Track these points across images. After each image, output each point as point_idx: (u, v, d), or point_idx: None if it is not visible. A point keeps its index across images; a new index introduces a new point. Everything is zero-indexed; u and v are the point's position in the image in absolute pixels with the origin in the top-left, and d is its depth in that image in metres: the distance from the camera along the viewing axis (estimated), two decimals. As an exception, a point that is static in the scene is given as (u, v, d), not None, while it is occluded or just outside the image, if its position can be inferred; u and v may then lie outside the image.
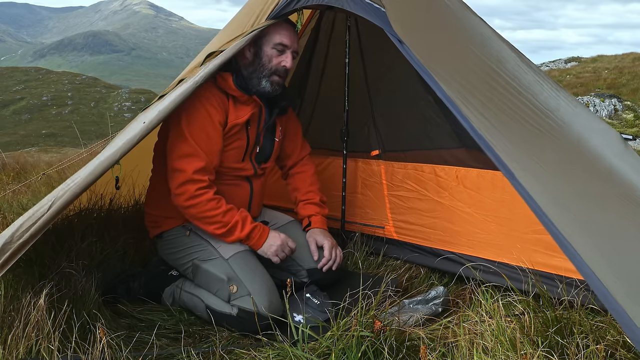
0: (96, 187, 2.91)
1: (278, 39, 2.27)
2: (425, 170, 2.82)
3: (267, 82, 2.31)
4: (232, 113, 2.29)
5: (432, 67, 1.81)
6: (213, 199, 2.19)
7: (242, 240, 2.24)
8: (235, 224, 2.22)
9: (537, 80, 2.40)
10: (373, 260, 2.86)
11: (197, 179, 2.17)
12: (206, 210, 2.18)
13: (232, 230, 2.22)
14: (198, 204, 2.17)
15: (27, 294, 1.83)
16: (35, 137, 37.17)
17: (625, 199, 1.98)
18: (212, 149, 2.23)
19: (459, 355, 1.76)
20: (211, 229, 2.21)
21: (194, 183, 2.17)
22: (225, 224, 2.20)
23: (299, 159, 2.69)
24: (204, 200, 2.17)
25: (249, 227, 2.25)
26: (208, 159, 2.20)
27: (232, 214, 2.22)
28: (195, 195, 2.17)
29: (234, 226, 2.21)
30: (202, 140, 2.19)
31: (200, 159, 2.18)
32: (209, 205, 2.18)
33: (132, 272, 2.51)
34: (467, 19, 2.50)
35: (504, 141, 1.71)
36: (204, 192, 2.18)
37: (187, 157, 2.17)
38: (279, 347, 1.85)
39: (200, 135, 2.19)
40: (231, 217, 2.21)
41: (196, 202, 2.17)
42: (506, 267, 2.39)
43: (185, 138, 2.18)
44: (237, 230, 2.22)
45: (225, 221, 2.20)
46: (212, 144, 2.22)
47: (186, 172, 2.16)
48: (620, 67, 21.43)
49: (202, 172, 2.18)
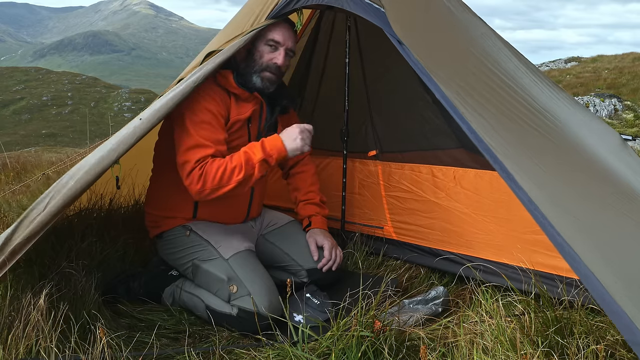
0: (96, 187, 2.91)
1: (270, 35, 2.27)
2: (422, 171, 2.82)
3: (257, 77, 2.30)
4: (234, 109, 2.28)
5: (431, 67, 1.81)
6: (214, 161, 2.13)
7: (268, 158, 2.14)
8: (248, 157, 2.13)
9: (535, 81, 2.41)
10: (373, 260, 2.86)
11: (199, 159, 2.13)
12: (217, 172, 2.11)
13: (249, 162, 2.13)
14: (206, 174, 2.11)
15: (27, 294, 1.83)
16: (35, 137, 37.15)
17: (624, 199, 1.98)
18: (219, 138, 2.20)
19: (459, 355, 1.76)
20: (235, 179, 2.11)
21: (198, 163, 2.12)
22: (239, 165, 2.12)
23: (300, 159, 2.69)
24: (208, 169, 2.11)
25: (259, 146, 2.16)
26: (216, 148, 2.17)
27: (238, 154, 2.15)
28: (201, 174, 2.11)
29: (247, 160, 2.13)
30: (207, 132, 2.17)
31: (208, 147, 2.15)
32: (213, 166, 2.11)
33: (132, 272, 2.51)
34: (466, 19, 2.50)
35: (502, 142, 1.71)
36: (205, 163, 2.13)
37: (192, 148, 2.15)
38: (279, 347, 1.86)
39: (205, 127, 2.17)
40: (239, 156, 2.14)
41: (203, 174, 2.11)
42: (506, 267, 2.39)
43: (189, 133, 2.17)
44: (254, 159, 2.13)
45: (238, 163, 2.12)
46: (217, 133, 2.20)
47: (191, 162, 2.14)
48: (620, 67, 21.44)
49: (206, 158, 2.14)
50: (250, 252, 2.27)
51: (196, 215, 2.37)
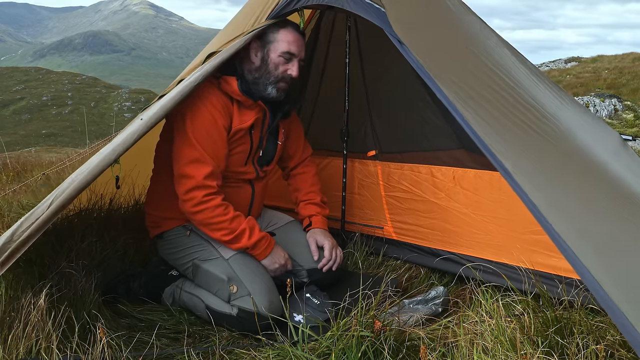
0: (96, 187, 2.91)
1: (286, 47, 2.26)
2: (422, 171, 2.82)
3: (273, 88, 2.29)
4: (237, 118, 2.27)
5: (431, 67, 1.81)
6: (221, 205, 2.17)
7: (248, 248, 2.23)
8: (243, 232, 2.20)
9: (536, 81, 2.40)
10: (373, 260, 2.86)
11: (206, 185, 2.15)
12: (214, 217, 2.16)
13: (239, 237, 2.20)
14: (206, 210, 2.16)
15: (27, 294, 1.83)
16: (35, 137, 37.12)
17: (624, 202, 1.97)
18: (219, 154, 2.21)
19: (459, 355, 1.76)
20: (218, 235, 2.19)
21: (203, 189, 2.15)
22: (232, 230, 2.18)
23: (301, 160, 2.69)
24: (211, 206, 2.16)
25: (257, 237, 2.23)
26: (215, 164, 2.19)
27: (240, 220, 2.21)
28: (203, 202, 2.15)
29: (241, 234, 2.20)
30: (209, 145, 2.18)
31: (208, 164, 2.16)
32: (216, 211, 2.16)
33: (132, 272, 2.51)
34: (467, 19, 2.50)
35: (502, 143, 1.71)
36: (212, 198, 2.16)
37: (194, 162, 2.15)
38: (279, 347, 1.86)
39: (207, 140, 2.17)
40: (238, 224, 2.20)
41: (204, 208, 2.15)
42: (506, 267, 2.39)
43: (192, 143, 2.16)
44: (244, 238, 2.20)
45: (232, 228, 2.18)
46: (218, 149, 2.21)
47: (195, 178, 2.14)
48: (620, 67, 21.44)
49: (210, 177, 2.16)
50: (251, 252, 2.27)
51: (196, 215, 2.37)
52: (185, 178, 2.16)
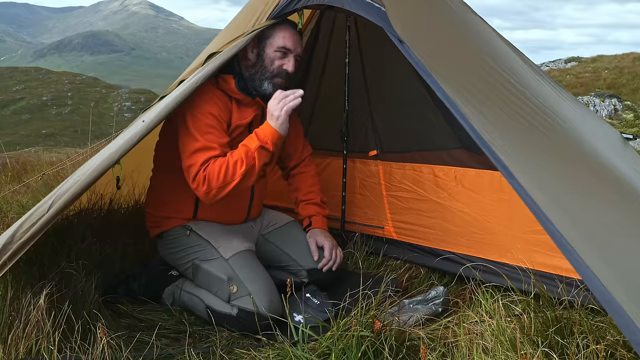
0: (96, 187, 2.91)
1: (281, 42, 2.26)
2: (424, 171, 2.82)
3: (269, 84, 2.30)
4: (236, 114, 2.28)
5: (432, 66, 1.81)
6: (216, 161, 2.13)
7: (263, 146, 2.14)
8: (246, 149, 2.13)
9: (537, 79, 2.40)
10: (373, 260, 2.86)
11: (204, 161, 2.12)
12: (220, 171, 2.10)
13: (248, 154, 2.13)
14: (211, 176, 2.10)
15: (27, 294, 1.83)
16: (35, 137, 37.09)
17: (627, 199, 1.98)
18: (222, 142, 2.20)
19: (459, 355, 1.76)
20: (239, 174, 2.10)
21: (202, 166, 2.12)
22: (240, 159, 2.12)
23: (301, 159, 2.69)
24: (212, 169, 2.11)
25: (254, 136, 2.16)
26: (221, 150, 2.17)
27: (237, 150, 2.16)
28: (205, 175, 2.11)
29: (246, 152, 2.13)
30: (212, 135, 2.18)
31: (213, 149, 2.14)
32: (216, 166, 2.11)
33: (132, 272, 2.51)
34: (467, 18, 2.50)
35: (504, 141, 1.71)
36: (208, 165, 2.12)
37: (197, 151, 2.15)
38: (279, 347, 1.85)
39: (208, 130, 2.17)
40: (238, 152, 2.14)
41: (209, 177, 2.11)
42: (506, 267, 2.39)
43: (193, 136, 2.16)
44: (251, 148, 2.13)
45: (239, 158, 2.12)
46: (221, 137, 2.21)
47: (196, 164, 2.14)
48: (620, 67, 21.43)
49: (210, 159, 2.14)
50: (251, 252, 2.27)
51: (196, 215, 2.37)
52: (189, 168, 2.15)
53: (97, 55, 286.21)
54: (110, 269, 2.48)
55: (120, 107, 50.06)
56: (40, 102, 51.32)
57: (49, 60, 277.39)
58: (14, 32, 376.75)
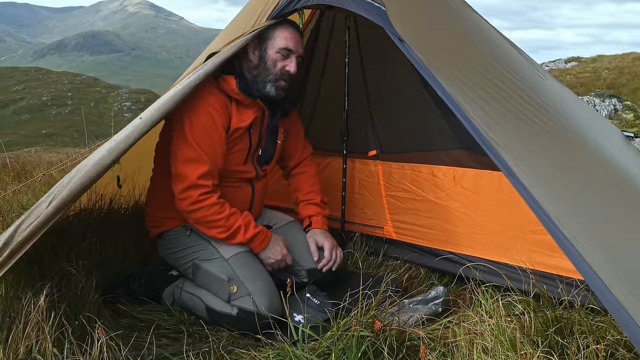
0: (96, 187, 2.90)
1: (283, 43, 2.26)
2: (423, 171, 2.82)
3: (272, 86, 2.30)
4: (235, 116, 2.28)
5: (432, 65, 1.81)
6: (216, 203, 2.19)
7: (243, 243, 2.24)
8: (238, 229, 2.21)
9: (539, 78, 2.40)
10: (373, 260, 2.86)
11: (200, 184, 2.16)
12: (209, 215, 2.18)
13: (234, 234, 2.21)
14: (201, 209, 2.17)
15: (27, 294, 1.83)
16: (36, 137, 37.07)
17: (631, 197, 1.97)
18: (216, 153, 2.22)
19: (459, 355, 1.76)
20: (214, 232, 2.21)
21: (198, 188, 2.16)
22: (228, 227, 2.20)
23: (301, 159, 2.69)
24: (207, 205, 2.17)
25: (252, 232, 2.24)
26: (212, 163, 2.19)
27: (236, 217, 2.22)
28: (199, 200, 2.16)
29: (236, 230, 2.21)
30: (206, 144, 2.18)
31: (204, 163, 2.17)
32: (212, 209, 2.18)
33: (132, 272, 2.50)
34: (468, 17, 2.50)
35: (505, 139, 1.71)
36: (207, 197, 2.17)
37: (190, 162, 2.16)
38: (279, 347, 1.85)
39: (204, 139, 2.18)
40: (234, 220, 2.21)
41: (199, 207, 2.17)
42: (506, 267, 2.39)
43: (188, 142, 2.17)
44: (239, 235, 2.22)
45: (228, 225, 2.20)
46: (215, 147, 2.21)
47: (189, 178, 2.15)
48: (620, 67, 21.42)
49: (205, 177, 2.17)
50: (251, 253, 2.27)
51: (196, 215, 2.37)
52: (180, 177, 2.18)
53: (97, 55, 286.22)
54: (110, 269, 2.48)
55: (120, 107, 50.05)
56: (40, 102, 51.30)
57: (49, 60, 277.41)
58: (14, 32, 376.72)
